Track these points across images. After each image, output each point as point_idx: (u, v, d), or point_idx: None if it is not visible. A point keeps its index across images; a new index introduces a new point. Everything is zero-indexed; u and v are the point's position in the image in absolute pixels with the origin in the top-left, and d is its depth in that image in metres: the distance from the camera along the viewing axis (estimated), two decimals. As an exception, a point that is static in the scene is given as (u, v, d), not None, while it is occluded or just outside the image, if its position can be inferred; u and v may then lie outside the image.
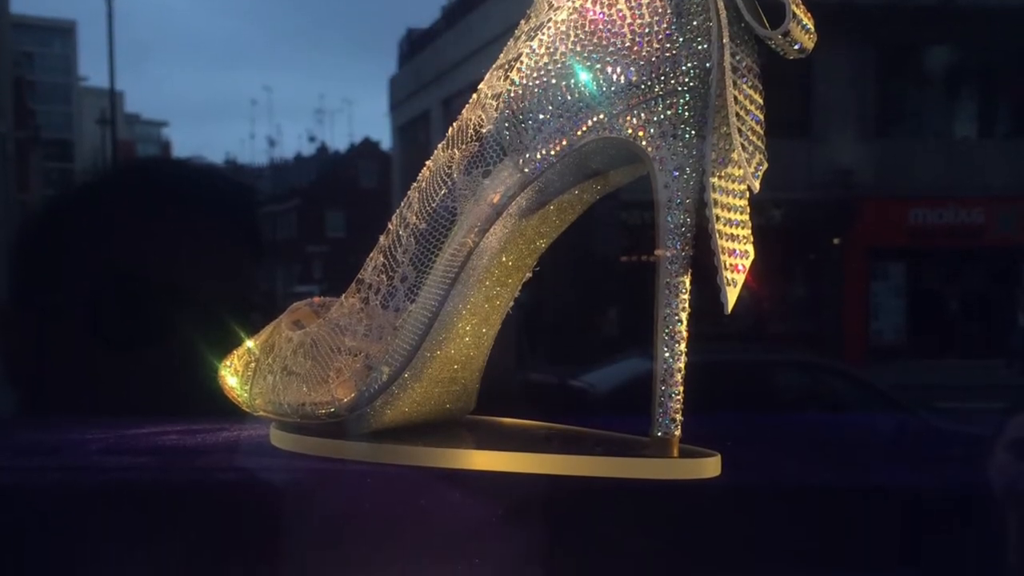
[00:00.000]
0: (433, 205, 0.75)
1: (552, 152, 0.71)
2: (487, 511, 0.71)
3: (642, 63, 0.68)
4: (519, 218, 0.73)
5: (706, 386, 0.76)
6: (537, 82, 0.71)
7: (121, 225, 1.33)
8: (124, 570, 0.69)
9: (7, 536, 0.71)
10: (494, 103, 0.73)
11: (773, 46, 0.67)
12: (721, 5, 0.67)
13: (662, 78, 0.68)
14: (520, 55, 0.72)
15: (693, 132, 0.68)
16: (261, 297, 1.45)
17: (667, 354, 0.69)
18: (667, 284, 0.69)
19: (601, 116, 0.69)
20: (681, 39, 0.67)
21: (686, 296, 0.69)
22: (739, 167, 0.68)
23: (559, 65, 0.70)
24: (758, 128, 0.69)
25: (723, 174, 0.68)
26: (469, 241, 0.73)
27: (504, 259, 0.74)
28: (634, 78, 0.68)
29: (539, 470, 0.72)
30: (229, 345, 0.86)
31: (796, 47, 0.67)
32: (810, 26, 0.67)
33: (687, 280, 0.69)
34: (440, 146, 0.76)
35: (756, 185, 0.69)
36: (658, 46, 0.68)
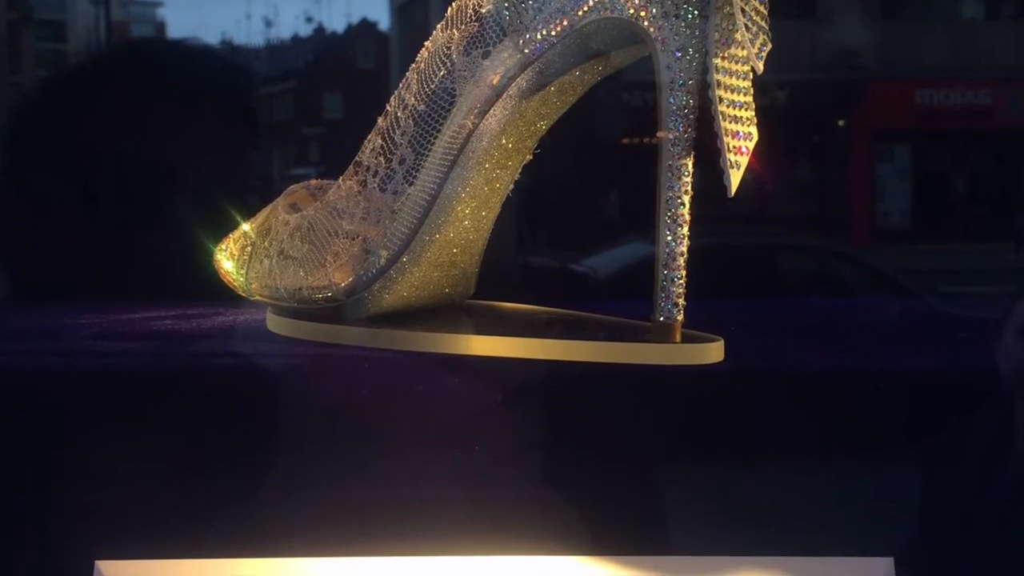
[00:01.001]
0: (432, 87, 0.73)
1: (553, 32, 0.69)
2: (487, 397, 0.71)
3: (645, -61, 0.66)
4: (519, 100, 0.72)
5: (709, 270, 0.76)
6: (537, -40, 0.69)
7: (115, 107, 1.31)
8: (118, 455, 0.69)
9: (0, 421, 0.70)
10: (494, -18, 0.71)
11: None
12: None
13: (665, -44, 0.66)
14: (520, -68, 0.70)
15: (696, 12, 0.67)
16: (257, 180, 1.44)
17: (669, 238, 0.69)
18: (669, 167, 0.68)
19: (603, -5, 0.68)
20: (685, -85, 0.66)
21: (689, 179, 0.69)
22: (742, 48, 0.67)
23: (560, -58, 0.68)
24: (762, 8, 0.68)
25: (726, 55, 0.67)
26: (468, 123, 0.72)
27: (504, 141, 0.73)
28: (637, -45, 0.66)
29: (539, 355, 0.72)
30: (225, 228, 0.85)
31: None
32: None
33: (690, 163, 0.69)
34: (439, 27, 0.74)
35: (760, 66, 0.68)
36: (662, -78, 0.66)
